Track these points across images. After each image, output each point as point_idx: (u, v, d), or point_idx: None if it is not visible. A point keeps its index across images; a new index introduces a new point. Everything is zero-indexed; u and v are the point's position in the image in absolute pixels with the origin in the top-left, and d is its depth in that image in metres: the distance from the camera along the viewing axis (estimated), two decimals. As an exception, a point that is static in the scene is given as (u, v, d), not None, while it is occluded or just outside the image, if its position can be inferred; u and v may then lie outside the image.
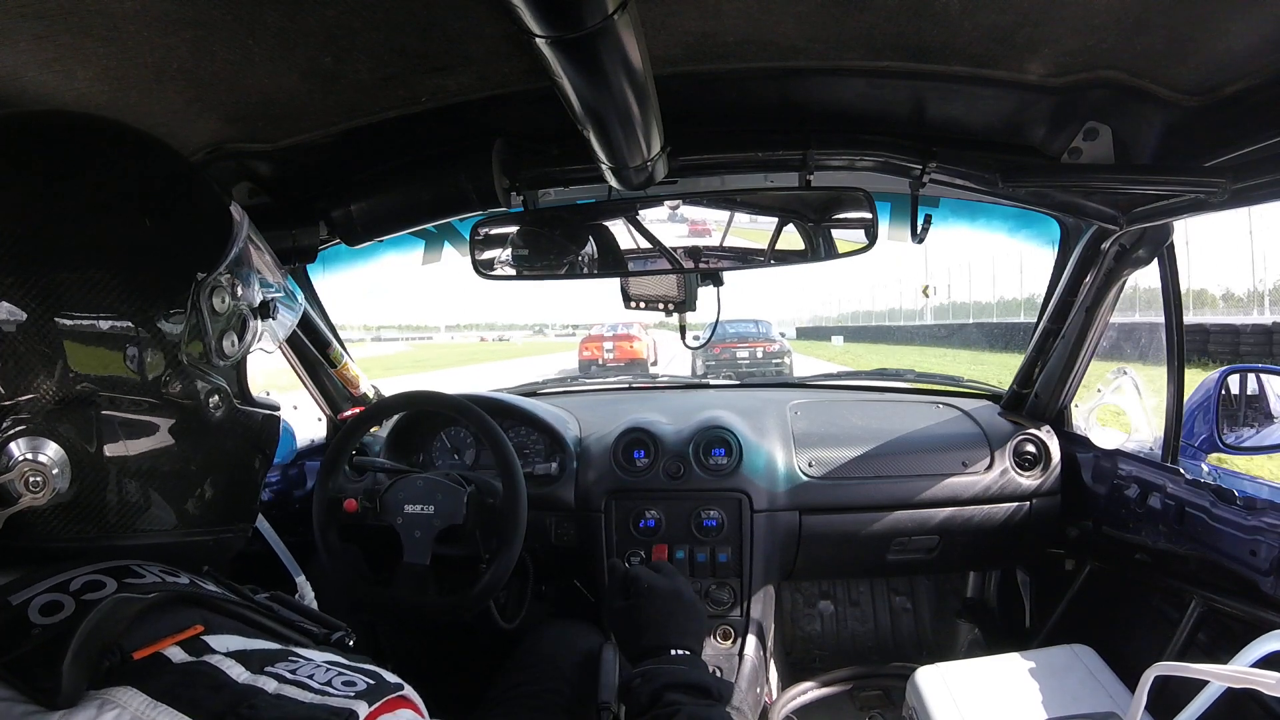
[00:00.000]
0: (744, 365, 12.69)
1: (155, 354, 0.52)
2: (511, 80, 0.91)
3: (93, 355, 0.49)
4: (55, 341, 0.47)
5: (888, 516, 1.61)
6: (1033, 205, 1.27)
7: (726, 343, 13.19)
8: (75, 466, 0.49)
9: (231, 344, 0.58)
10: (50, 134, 0.53)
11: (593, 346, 14.92)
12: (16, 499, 0.46)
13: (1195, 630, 1.22)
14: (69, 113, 0.58)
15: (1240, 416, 2.34)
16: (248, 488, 0.64)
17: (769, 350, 13.06)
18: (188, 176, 0.59)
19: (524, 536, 1.30)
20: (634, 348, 14.51)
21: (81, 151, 0.52)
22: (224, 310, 0.57)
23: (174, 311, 0.53)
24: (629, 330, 15.13)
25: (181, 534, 0.55)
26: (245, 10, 0.69)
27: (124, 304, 0.50)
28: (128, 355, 0.51)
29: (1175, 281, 1.32)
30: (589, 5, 0.54)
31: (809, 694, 1.81)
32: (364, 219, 1.15)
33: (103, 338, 0.49)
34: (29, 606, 0.43)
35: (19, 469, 0.46)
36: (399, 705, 0.46)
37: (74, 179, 0.51)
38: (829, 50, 0.88)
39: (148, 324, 0.51)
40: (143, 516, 0.53)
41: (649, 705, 0.75)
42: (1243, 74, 0.83)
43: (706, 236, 1.24)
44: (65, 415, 0.48)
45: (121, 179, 0.53)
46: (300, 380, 1.71)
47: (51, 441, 0.48)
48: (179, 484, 0.55)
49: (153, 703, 0.40)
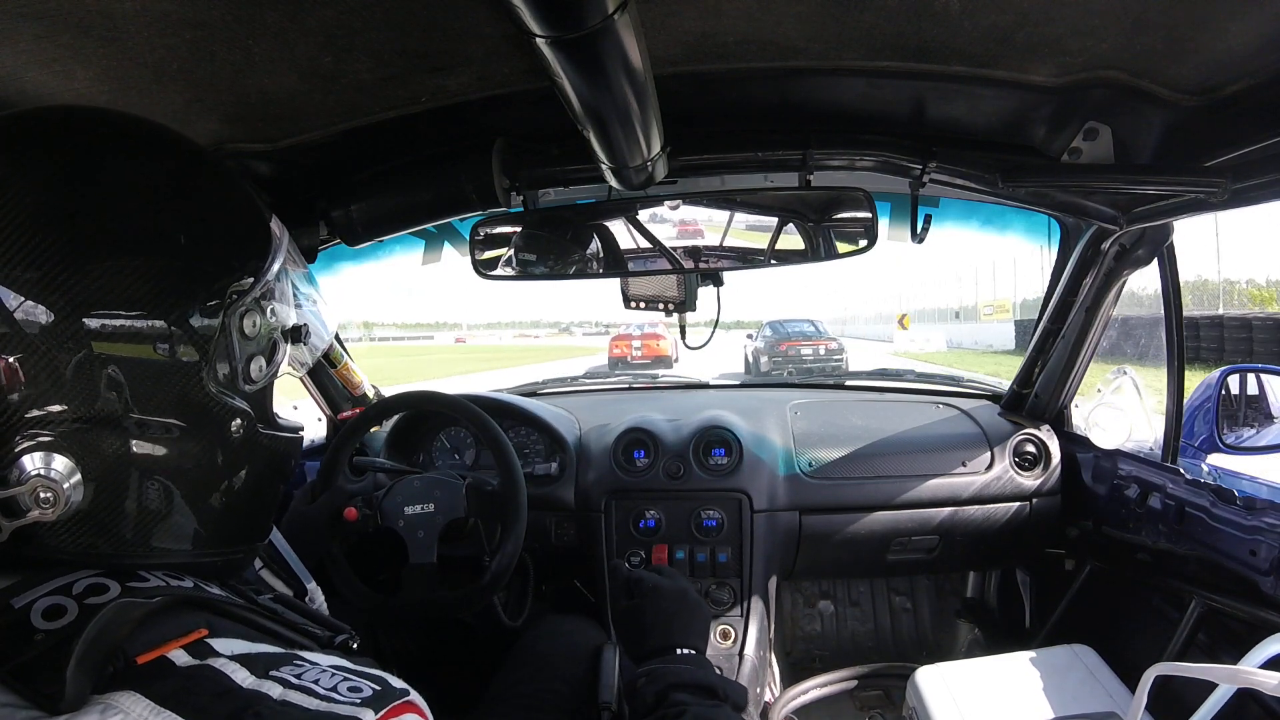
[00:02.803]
0: (808, 361, 13.11)
1: (181, 374, 0.51)
2: (511, 80, 0.91)
3: (118, 367, 0.48)
4: (81, 346, 0.46)
5: (888, 516, 1.61)
6: (1033, 205, 1.27)
7: (791, 340, 13.69)
8: (89, 484, 0.47)
9: (259, 369, 0.56)
10: (87, 128, 0.52)
11: (622, 344, 15.96)
12: (25, 512, 0.45)
13: (1195, 630, 1.22)
14: (104, 109, 0.56)
15: (1240, 416, 2.34)
16: (263, 509, 0.63)
17: (830, 348, 13.54)
18: (233, 187, 0.57)
19: (525, 527, 1.29)
20: (660, 346, 15.50)
21: (128, 157, 0.51)
22: (254, 334, 0.55)
23: (204, 330, 0.51)
24: (655, 329, 15.99)
25: (193, 555, 0.54)
26: (245, 10, 0.69)
27: (156, 312, 0.49)
28: (154, 372, 0.49)
29: (1175, 281, 1.32)
30: (589, 5, 0.54)
31: (809, 694, 1.81)
32: (364, 219, 1.15)
33: (130, 349, 0.48)
34: (31, 610, 0.43)
35: (31, 484, 0.45)
36: (405, 711, 0.46)
37: (113, 181, 0.49)
38: (829, 50, 0.88)
39: (176, 340, 0.50)
40: (155, 537, 0.52)
41: (654, 705, 0.74)
42: (1243, 74, 0.83)
43: (706, 236, 1.24)
44: (84, 431, 0.47)
45: (162, 186, 0.52)
46: (300, 380, 1.71)
47: (67, 458, 0.46)
48: (194, 506, 0.54)
49: (156, 708, 0.39)
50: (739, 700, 0.77)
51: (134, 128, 0.54)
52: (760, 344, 14.27)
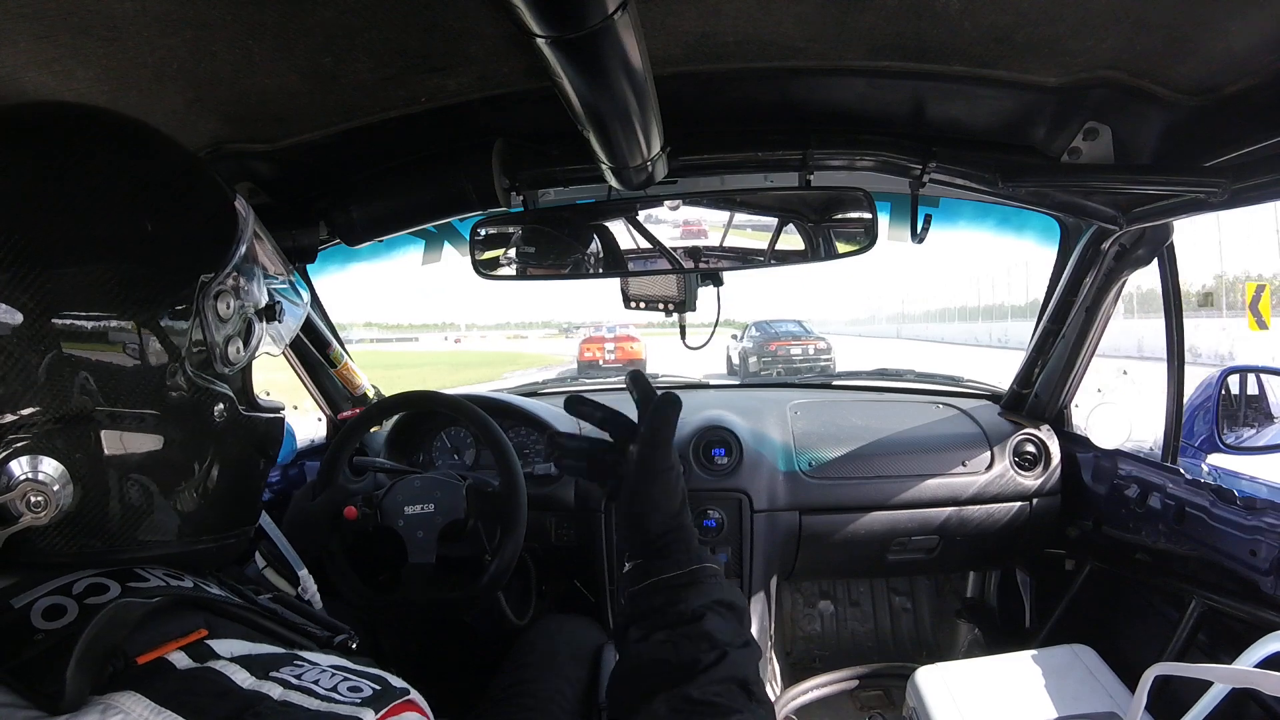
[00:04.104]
0: (797, 361, 13.00)
1: (158, 364, 0.50)
2: (511, 80, 0.91)
3: (92, 363, 0.47)
4: (52, 345, 0.46)
5: (888, 516, 1.61)
6: (1033, 205, 1.27)
7: (780, 340, 13.49)
8: (77, 484, 0.47)
9: (237, 350, 0.56)
10: (48, 125, 0.51)
11: (594, 347, 14.77)
12: (17, 518, 0.45)
13: (1195, 630, 1.22)
14: (68, 104, 0.55)
15: (1240, 416, 2.34)
16: (251, 492, 0.63)
17: (818, 348, 13.47)
18: (191, 171, 0.56)
19: (525, 524, 1.29)
20: (634, 348, 14.49)
21: (81, 143, 0.50)
22: (228, 315, 0.54)
23: (177, 317, 0.51)
24: (628, 330, 15.04)
25: (186, 543, 0.54)
26: (245, 10, 0.69)
27: (125, 305, 0.48)
28: (129, 365, 0.49)
29: (1175, 281, 1.32)
30: (589, 5, 0.54)
31: (809, 694, 1.81)
32: (364, 219, 1.15)
33: (103, 343, 0.48)
34: (31, 610, 0.42)
35: (21, 488, 0.44)
36: (406, 710, 0.45)
37: (72, 171, 0.48)
38: (829, 50, 0.88)
39: (150, 329, 0.49)
40: (145, 529, 0.51)
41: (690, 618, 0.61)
42: (1243, 74, 0.83)
43: (706, 236, 1.24)
44: (67, 431, 0.46)
45: (122, 173, 0.51)
46: (300, 380, 1.71)
47: (53, 459, 0.46)
48: (183, 495, 0.54)
49: (156, 708, 0.39)
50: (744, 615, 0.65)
51: (93, 123, 0.53)
52: (748, 344, 14.01)
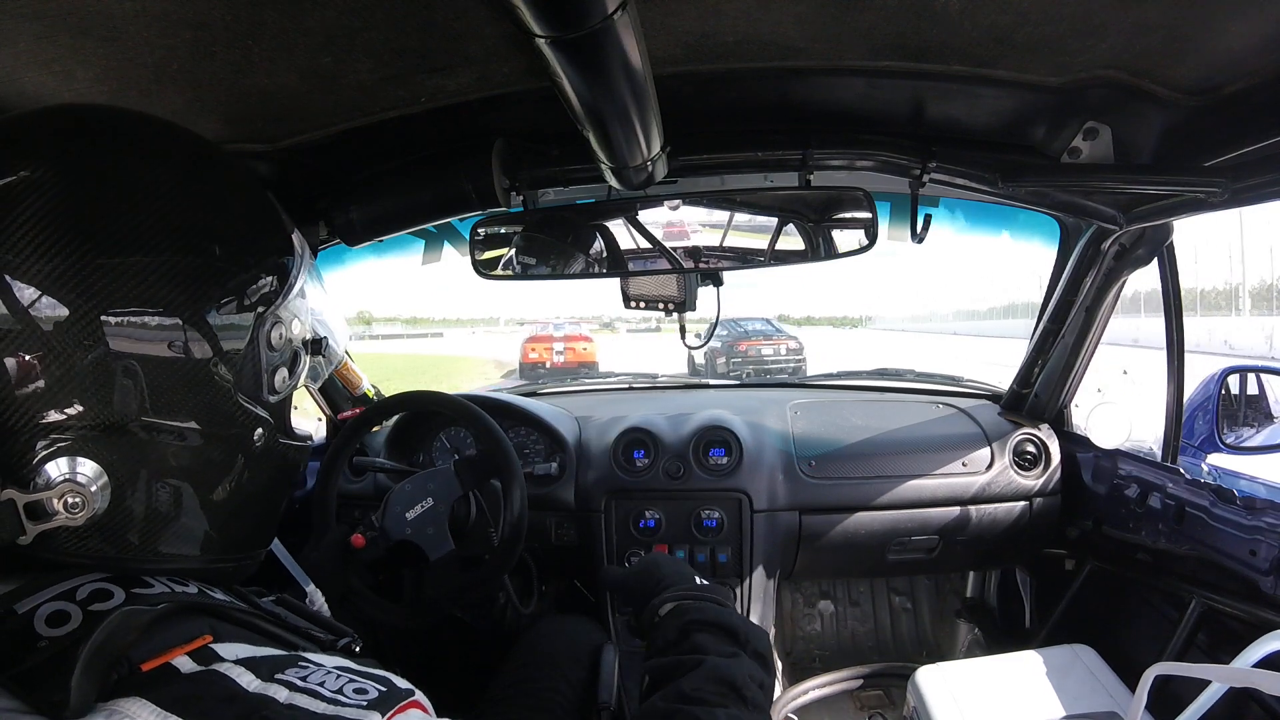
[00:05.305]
0: (769, 360, 12.38)
1: (212, 387, 0.50)
2: (511, 80, 0.91)
3: (143, 373, 0.47)
4: (99, 344, 0.45)
5: (888, 516, 1.61)
6: (1033, 205, 1.27)
7: (751, 340, 12.75)
8: (114, 489, 0.47)
9: (283, 380, 0.56)
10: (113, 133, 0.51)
11: (539, 347, 13.26)
12: (50, 516, 0.45)
13: (1195, 630, 1.22)
14: (135, 113, 0.55)
15: (1240, 416, 2.35)
16: (272, 516, 0.64)
17: (790, 348, 12.82)
18: (249, 188, 0.58)
19: (522, 475, 1.27)
20: (585, 349, 13.21)
21: (144, 156, 0.51)
22: (279, 344, 0.55)
23: (233, 342, 0.51)
24: (579, 330, 13.81)
25: (204, 561, 0.54)
26: (245, 10, 0.69)
27: (177, 312, 0.48)
28: (180, 379, 0.49)
29: (1175, 281, 1.32)
30: (589, 5, 0.54)
31: (809, 694, 1.81)
32: (364, 219, 1.15)
33: (155, 351, 0.47)
34: (35, 616, 0.42)
35: (59, 489, 0.44)
36: (410, 708, 0.46)
37: (131, 180, 0.49)
38: (829, 50, 0.88)
39: (210, 350, 0.50)
40: (168, 541, 0.51)
41: (676, 640, 0.68)
42: (1243, 74, 0.83)
43: (706, 236, 1.24)
44: (110, 435, 0.46)
45: (179, 184, 0.52)
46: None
47: (94, 463, 0.46)
48: (211, 514, 0.54)
49: (162, 713, 0.39)
50: (760, 645, 0.69)
51: (148, 126, 0.54)
52: (716, 344, 12.78)
